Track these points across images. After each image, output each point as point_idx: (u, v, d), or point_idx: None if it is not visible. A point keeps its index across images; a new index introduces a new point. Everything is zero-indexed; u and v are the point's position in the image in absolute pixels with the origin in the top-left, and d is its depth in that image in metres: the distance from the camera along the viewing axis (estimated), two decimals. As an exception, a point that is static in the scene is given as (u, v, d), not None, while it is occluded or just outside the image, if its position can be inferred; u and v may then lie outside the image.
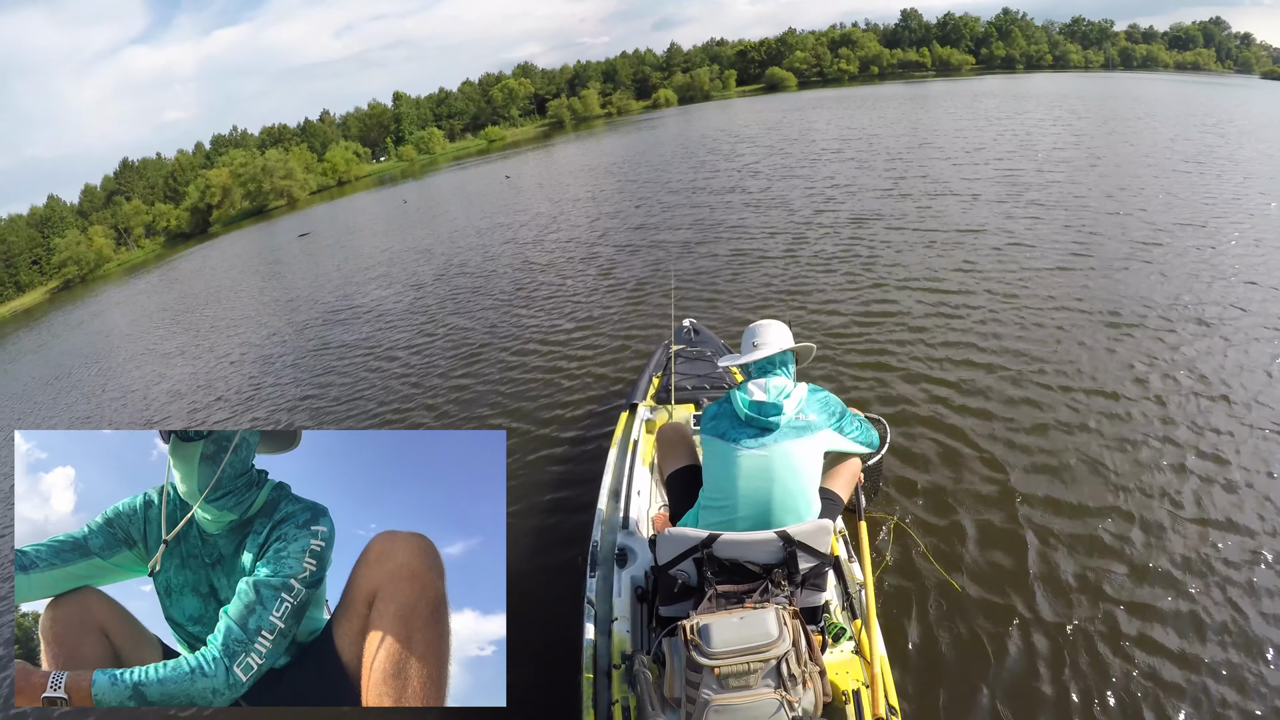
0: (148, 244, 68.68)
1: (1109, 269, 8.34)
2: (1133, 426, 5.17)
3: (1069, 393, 5.71)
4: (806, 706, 2.29)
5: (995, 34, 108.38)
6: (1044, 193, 12.71)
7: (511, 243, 16.29)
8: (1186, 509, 4.28)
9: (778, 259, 10.64)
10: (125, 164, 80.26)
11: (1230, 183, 12.65)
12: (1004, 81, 63.13)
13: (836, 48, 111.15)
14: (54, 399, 14.30)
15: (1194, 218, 10.25)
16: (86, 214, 71.57)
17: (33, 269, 64.04)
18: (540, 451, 6.01)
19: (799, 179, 17.55)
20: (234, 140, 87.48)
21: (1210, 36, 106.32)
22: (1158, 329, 6.62)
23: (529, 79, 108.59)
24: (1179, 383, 5.63)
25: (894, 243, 10.61)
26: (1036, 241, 9.72)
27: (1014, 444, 5.11)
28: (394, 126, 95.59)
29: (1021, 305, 7.56)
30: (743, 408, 2.84)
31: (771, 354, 3.04)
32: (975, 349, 6.69)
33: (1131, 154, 16.67)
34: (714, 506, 2.86)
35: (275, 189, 68.07)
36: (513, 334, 9.44)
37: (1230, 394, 5.43)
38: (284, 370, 10.52)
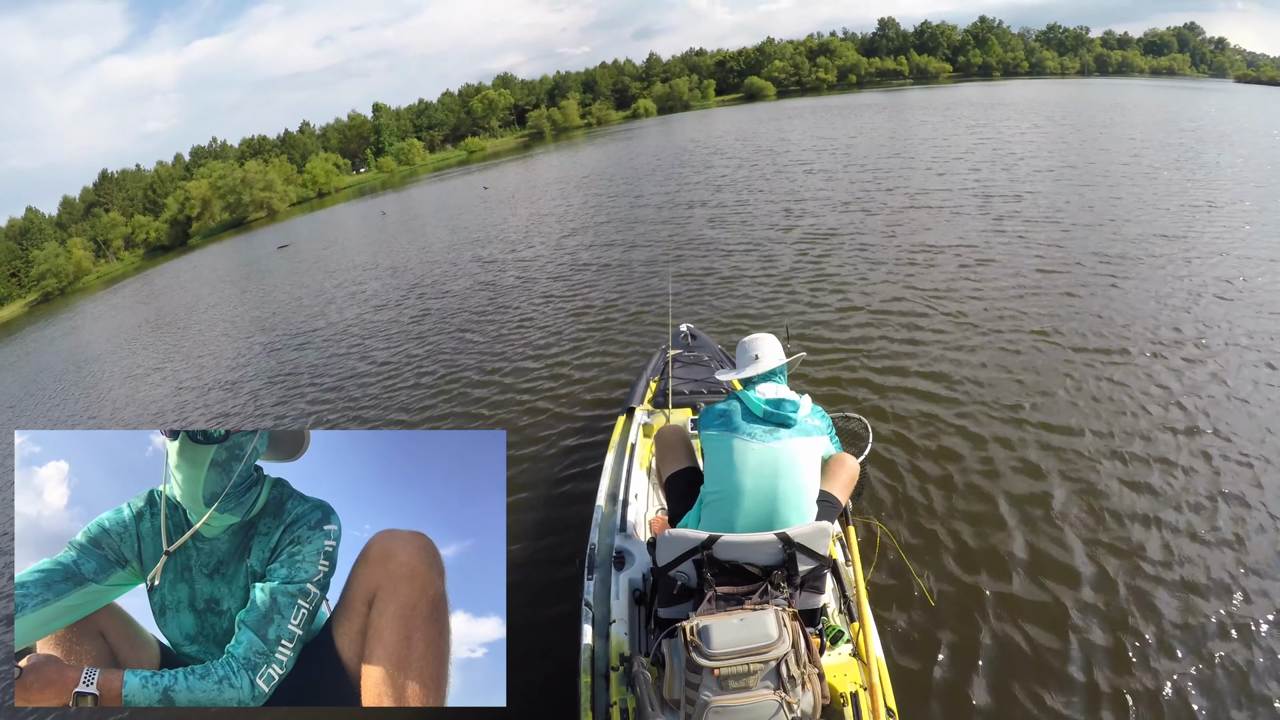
0: (127, 256, 68.10)
1: (1085, 284, 8.24)
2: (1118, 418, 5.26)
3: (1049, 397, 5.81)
4: (805, 708, 2.30)
5: (972, 42, 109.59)
6: (1021, 204, 12.62)
7: (506, 249, 16.29)
8: (1173, 517, 4.31)
9: (774, 264, 10.71)
10: (104, 175, 79.62)
11: (1214, 189, 12.73)
12: (981, 89, 63.62)
13: (815, 57, 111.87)
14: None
15: (1170, 228, 10.25)
16: (65, 226, 70.86)
17: (11, 281, 63.23)
18: (538, 454, 6.01)
19: (773, 189, 17.63)
20: (213, 152, 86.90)
21: (1185, 42, 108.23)
22: (1134, 348, 6.56)
23: (509, 90, 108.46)
24: (1164, 405, 5.52)
25: (883, 255, 10.71)
26: (1014, 255, 9.67)
27: (998, 449, 5.16)
28: (374, 138, 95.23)
29: (1005, 318, 7.62)
30: (759, 403, 2.92)
31: (774, 366, 3.16)
32: (967, 350, 6.79)
33: (1109, 162, 16.75)
34: (717, 501, 2.87)
35: (255, 200, 67.63)
36: (513, 336, 9.46)
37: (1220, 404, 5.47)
38: (276, 377, 10.45)
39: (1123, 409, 5.44)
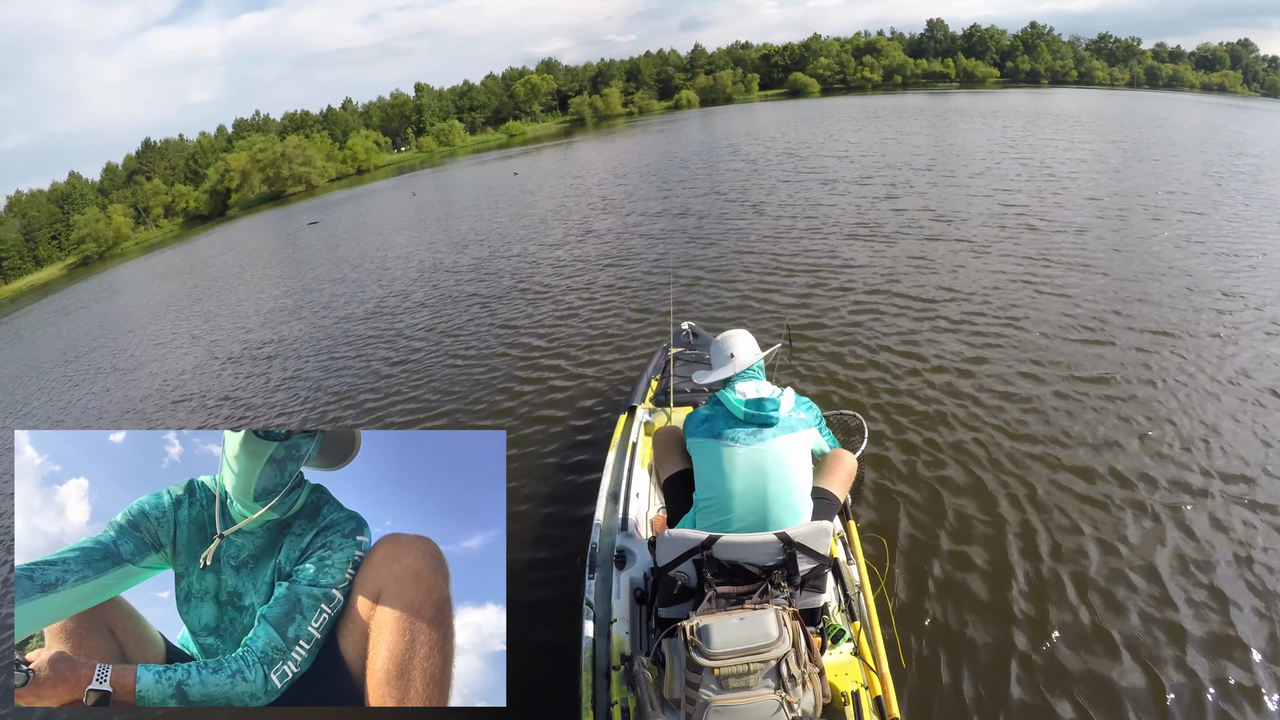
0: (166, 224, 69.19)
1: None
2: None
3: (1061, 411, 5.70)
4: (806, 707, 2.31)
5: (1021, 48, 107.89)
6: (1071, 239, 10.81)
7: (517, 242, 16.16)
8: (1173, 527, 4.31)
9: (777, 268, 10.60)
10: (147, 144, 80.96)
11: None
12: (1030, 96, 62.09)
13: (861, 55, 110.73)
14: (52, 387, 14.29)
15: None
16: (107, 192, 72.10)
17: (51, 244, 64.54)
18: (540, 453, 6.02)
19: (808, 193, 17.21)
20: (255, 125, 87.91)
21: (1238, 58, 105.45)
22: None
23: (552, 75, 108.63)
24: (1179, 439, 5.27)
25: (923, 257, 10.50)
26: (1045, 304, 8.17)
27: (1005, 448, 5.23)
28: (415, 117, 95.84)
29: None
30: (739, 406, 2.89)
31: (750, 363, 3.15)
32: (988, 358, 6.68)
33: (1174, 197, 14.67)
34: (709, 507, 2.87)
35: (294, 175, 68.42)
36: (513, 335, 9.39)
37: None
38: (281, 368, 10.39)
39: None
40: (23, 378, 15.59)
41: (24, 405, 12.94)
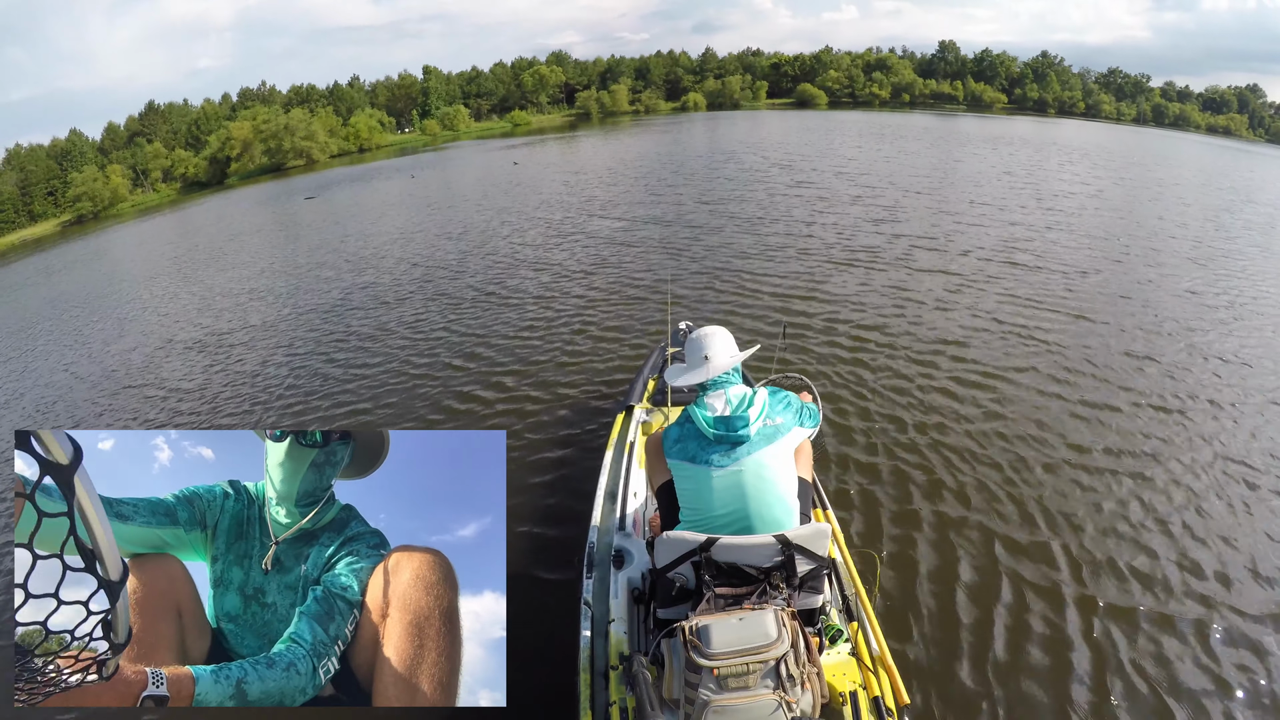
0: (163, 188, 68.71)
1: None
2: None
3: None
4: (805, 708, 2.32)
5: (1031, 76, 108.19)
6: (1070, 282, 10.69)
7: (512, 239, 15.95)
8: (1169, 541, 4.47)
9: (778, 269, 10.70)
10: (151, 106, 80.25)
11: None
12: (1036, 125, 62.13)
13: (870, 70, 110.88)
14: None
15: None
16: (107, 152, 71.51)
17: (47, 200, 64.03)
18: (538, 452, 6.03)
19: (809, 203, 17.41)
20: (261, 95, 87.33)
21: (1245, 103, 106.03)
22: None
23: (561, 67, 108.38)
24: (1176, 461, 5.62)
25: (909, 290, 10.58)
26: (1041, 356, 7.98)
27: (986, 459, 5.54)
28: (421, 100, 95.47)
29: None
30: (709, 426, 2.73)
31: (726, 367, 2.90)
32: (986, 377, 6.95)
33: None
34: (694, 526, 2.76)
35: (295, 148, 68.01)
36: (512, 334, 9.34)
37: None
38: (275, 363, 9.91)
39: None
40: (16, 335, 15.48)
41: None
